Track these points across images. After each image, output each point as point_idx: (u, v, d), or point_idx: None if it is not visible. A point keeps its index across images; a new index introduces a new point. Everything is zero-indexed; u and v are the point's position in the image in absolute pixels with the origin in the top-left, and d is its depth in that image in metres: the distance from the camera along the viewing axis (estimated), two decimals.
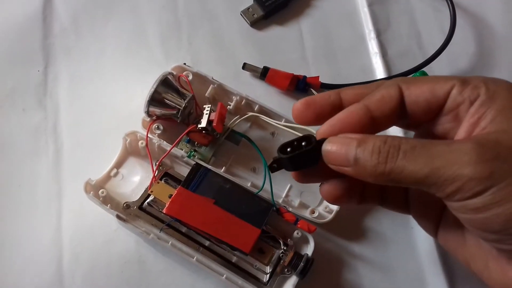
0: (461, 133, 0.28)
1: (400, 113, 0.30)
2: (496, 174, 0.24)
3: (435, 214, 0.32)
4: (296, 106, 0.32)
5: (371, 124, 0.29)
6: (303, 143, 0.30)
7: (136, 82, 0.53)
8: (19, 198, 0.48)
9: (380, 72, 0.54)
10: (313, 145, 0.29)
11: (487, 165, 0.24)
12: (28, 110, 0.51)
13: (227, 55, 0.55)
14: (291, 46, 0.55)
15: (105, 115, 0.51)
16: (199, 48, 0.55)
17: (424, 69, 0.52)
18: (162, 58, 0.54)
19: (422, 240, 0.47)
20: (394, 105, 0.29)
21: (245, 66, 0.53)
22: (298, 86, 0.52)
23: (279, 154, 0.30)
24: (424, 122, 0.31)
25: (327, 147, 0.29)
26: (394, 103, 0.29)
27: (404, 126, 0.34)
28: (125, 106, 0.51)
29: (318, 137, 0.30)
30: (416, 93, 0.29)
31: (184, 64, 0.49)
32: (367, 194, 0.34)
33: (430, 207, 0.33)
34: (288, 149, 0.30)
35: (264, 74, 0.52)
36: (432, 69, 0.52)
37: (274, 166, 0.32)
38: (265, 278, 0.44)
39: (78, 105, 0.52)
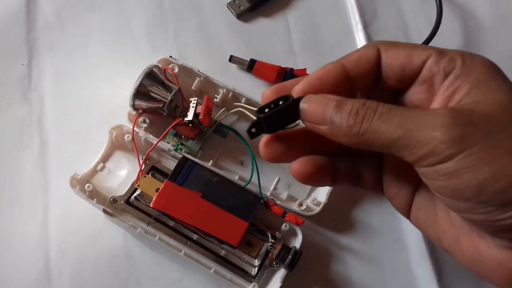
0: (435, 105, 0.28)
1: (376, 76, 0.30)
2: (469, 138, 0.24)
3: (407, 193, 0.32)
4: (265, 93, 0.31)
5: (347, 84, 0.29)
6: (280, 102, 0.29)
7: (122, 75, 0.52)
8: (4, 193, 0.47)
9: None
10: (289, 101, 0.28)
11: (460, 128, 0.24)
12: (13, 104, 0.51)
13: (213, 47, 0.54)
14: (278, 38, 0.55)
15: (90, 109, 0.51)
16: (185, 40, 0.54)
17: None
18: (148, 51, 0.54)
19: (410, 232, 0.47)
20: (370, 66, 0.29)
21: (231, 59, 0.52)
22: (286, 78, 0.51)
23: (257, 115, 0.29)
24: (398, 88, 0.30)
25: (305, 104, 0.28)
26: (371, 64, 0.29)
27: (379, 97, 0.33)
28: (111, 99, 0.51)
29: (295, 95, 0.29)
30: (393, 57, 0.29)
31: (170, 57, 0.49)
32: (340, 173, 0.33)
33: (403, 185, 0.32)
34: (266, 110, 0.29)
35: (251, 66, 0.52)
36: None
37: (252, 132, 0.30)
38: (254, 271, 0.44)
39: (63, 99, 0.51)
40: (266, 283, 0.44)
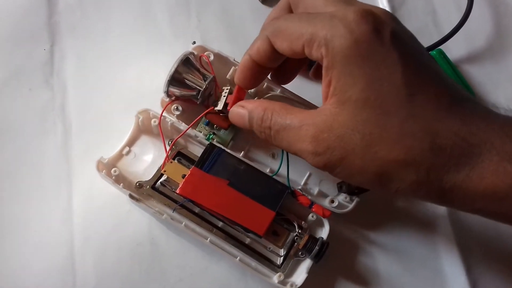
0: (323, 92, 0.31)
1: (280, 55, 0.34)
2: (330, 163, 0.30)
3: None
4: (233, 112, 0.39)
5: (259, 67, 0.35)
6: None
7: (144, 59, 0.52)
8: (28, 180, 0.47)
9: None
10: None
11: (322, 158, 0.30)
12: (35, 90, 0.50)
13: (237, 33, 0.53)
14: None
15: (113, 94, 0.50)
16: (209, 25, 0.53)
17: (441, 47, 0.51)
18: (171, 35, 0.53)
19: (438, 223, 0.47)
20: (270, 54, 0.34)
21: None
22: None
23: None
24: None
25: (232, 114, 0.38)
26: (269, 52, 0.34)
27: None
28: (134, 84, 0.50)
29: (236, 83, 0.39)
30: (280, 50, 0.32)
31: (194, 42, 0.48)
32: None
33: None
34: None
35: None
36: (449, 48, 0.51)
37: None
38: (279, 260, 0.44)
39: (86, 84, 0.51)
40: (292, 273, 0.44)
